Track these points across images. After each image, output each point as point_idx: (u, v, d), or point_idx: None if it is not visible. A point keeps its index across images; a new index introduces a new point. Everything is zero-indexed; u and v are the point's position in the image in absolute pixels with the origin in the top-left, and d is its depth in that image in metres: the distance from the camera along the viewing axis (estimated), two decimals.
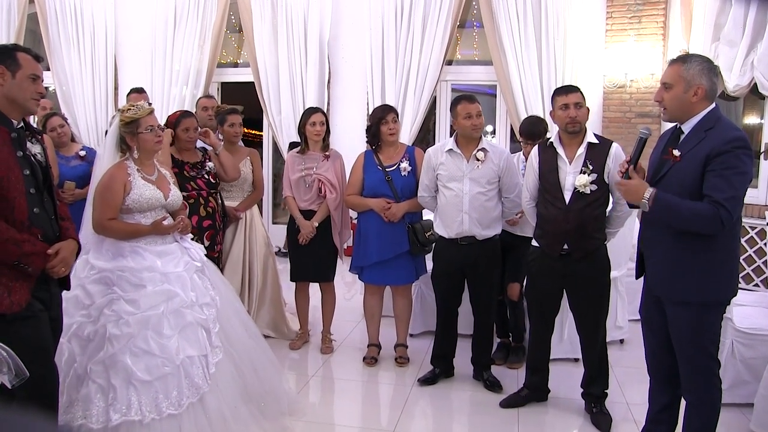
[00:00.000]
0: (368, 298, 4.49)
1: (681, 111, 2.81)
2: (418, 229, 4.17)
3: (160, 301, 3.05)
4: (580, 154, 3.48)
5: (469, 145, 3.92)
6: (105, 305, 3.02)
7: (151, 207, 3.22)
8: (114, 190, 3.13)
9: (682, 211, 2.67)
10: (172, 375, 2.97)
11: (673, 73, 2.81)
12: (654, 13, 6.76)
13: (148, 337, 2.97)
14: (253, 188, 4.76)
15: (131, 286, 3.05)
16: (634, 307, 4.87)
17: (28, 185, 2.57)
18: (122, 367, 2.91)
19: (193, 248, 3.36)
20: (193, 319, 3.12)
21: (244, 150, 4.78)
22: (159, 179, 3.32)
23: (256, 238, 4.78)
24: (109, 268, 3.08)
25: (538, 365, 3.80)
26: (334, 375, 4.38)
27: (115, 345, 2.94)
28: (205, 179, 4.30)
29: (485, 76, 7.66)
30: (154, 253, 3.16)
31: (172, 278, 3.13)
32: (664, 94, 2.83)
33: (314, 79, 7.56)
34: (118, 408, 2.87)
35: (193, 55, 7.94)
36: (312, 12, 7.52)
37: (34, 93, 2.61)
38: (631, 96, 6.90)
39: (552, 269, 3.57)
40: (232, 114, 4.66)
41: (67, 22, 8.32)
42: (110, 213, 3.13)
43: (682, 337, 2.81)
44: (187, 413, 2.99)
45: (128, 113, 3.21)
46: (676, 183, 2.74)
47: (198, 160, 4.34)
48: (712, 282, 2.74)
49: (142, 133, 3.20)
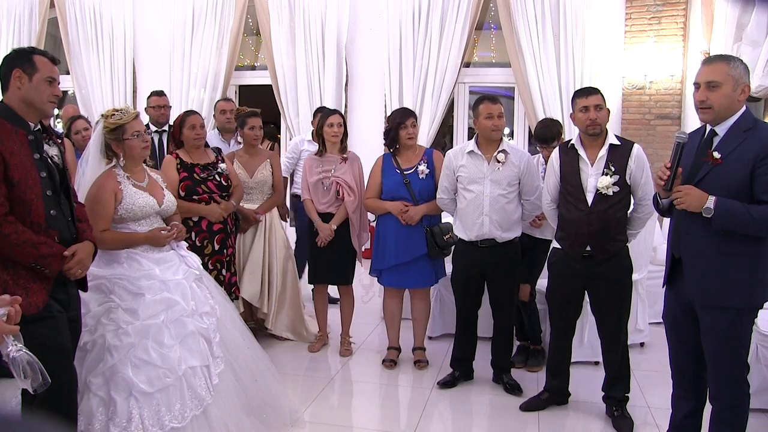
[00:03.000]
0: (388, 302, 4.48)
1: (727, 111, 2.72)
2: (437, 232, 4.16)
3: (159, 309, 2.95)
4: (602, 156, 3.45)
5: (489, 147, 3.91)
6: (102, 314, 2.93)
7: (146, 215, 3.14)
8: (104, 201, 3.03)
9: (747, 216, 2.60)
10: (174, 386, 2.87)
11: (719, 72, 2.71)
12: (674, 14, 6.70)
13: (148, 347, 2.87)
14: (272, 191, 4.76)
15: (129, 294, 2.96)
16: (654, 311, 4.87)
17: (45, 187, 2.58)
18: (122, 379, 2.81)
19: (189, 256, 3.27)
20: (194, 329, 3.02)
21: (264, 153, 4.79)
22: (150, 185, 3.22)
23: (276, 240, 4.78)
24: (105, 275, 2.99)
25: (558, 368, 3.77)
26: (354, 377, 4.38)
27: (115, 356, 2.84)
28: (216, 182, 4.22)
29: (503, 78, 7.64)
30: (151, 260, 3.07)
31: (172, 286, 3.04)
32: (710, 93, 2.72)
33: (332, 82, 7.58)
34: (117, 422, 2.77)
35: (211, 58, 7.98)
36: (329, 14, 7.53)
37: (50, 96, 2.63)
38: (651, 98, 6.84)
39: (574, 271, 3.54)
40: (253, 117, 4.65)
41: (87, 26, 8.40)
42: (102, 224, 3.02)
43: (716, 343, 2.76)
44: (191, 426, 2.88)
45: (113, 119, 3.12)
46: (717, 186, 2.67)
47: (209, 161, 4.27)
48: (756, 287, 2.71)
49: (129, 139, 3.11)
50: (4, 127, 2.52)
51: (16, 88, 2.56)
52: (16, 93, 2.57)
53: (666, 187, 2.80)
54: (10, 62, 2.59)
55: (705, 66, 2.80)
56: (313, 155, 4.58)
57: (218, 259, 4.17)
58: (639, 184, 3.45)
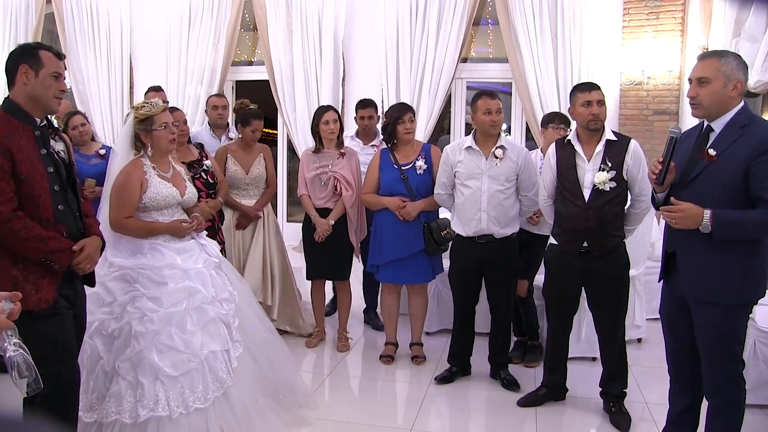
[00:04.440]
0: (385, 297, 4.48)
1: (718, 107, 2.72)
2: (434, 227, 4.16)
3: (182, 297, 3.09)
4: (599, 152, 3.45)
5: (487, 143, 3.90)
6: (128, 302, 3.06)
7: (168, 205, 3.25)
8: (131, 189, 3.15)
9: (747, 225, 2.61)
10: (197, 370, 3.02)
11: (710, 68, 2.71)
12: (672, 9, 6.69)
13: (172, 334, 3.02)
14: (266, 185, 4.76)
15: (153, 283, 3.08)
16: (652, 306, 4.86)
17: (52, 182, 2.60)
18: (149, 364, 2.95)
19: (209, 245, 3.40)
20: (214, 315, 3.16)
21: (257, 147, 4.76)
22: (174, 176, 3.34)
23: (273, 234, 4.81)
24: (129, 265, 3.11)
25: (555, 364, 3.77)
26: (351, 373, 4.38)
27: (141, 342, 2.97)
28: (203, 179, 4.22)
29: (500, 73, 7.62)
30: (173, 250, 3.19)
31: (193, 275, 3.16)
32: (700, 89, 2.72)
33: (329, 77, 7.56)
34: (145, 404, 2.91)
35: (208, 54, 7.96)
36: (326, 10, 7.51)
37: (56, 91, 2.63)
38: (648, 93, 6.83)
39: (571, 267, 3.54)
40: (257, 119, 4.62)
41: (84, 22, 8.36)
42: (127, 211, 3.15)
43: (709, 339, 2.76)
44: (213, 407, 3.03)
45: (142, 110, 3.24)
46: (713, 183, 2.67)
47: (195, 159, 4.27)
48: (749, 284, 2.70)
49: (157, 130, 3.22)
50: (11, 123, 2.53)
51: (22, 83, 2.56)
52: (23, 89, 2.57)
53: (658, 181, 2.81)
54: (16, 58, 2.59)
55: (698, 62, 2.81)
56: (310, 152, 4.57)
57: None
58: (636, 180, 3.45)
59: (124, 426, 2.91)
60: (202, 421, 2.98)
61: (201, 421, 2.98)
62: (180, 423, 2.92)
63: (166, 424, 2.91)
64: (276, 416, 3.33)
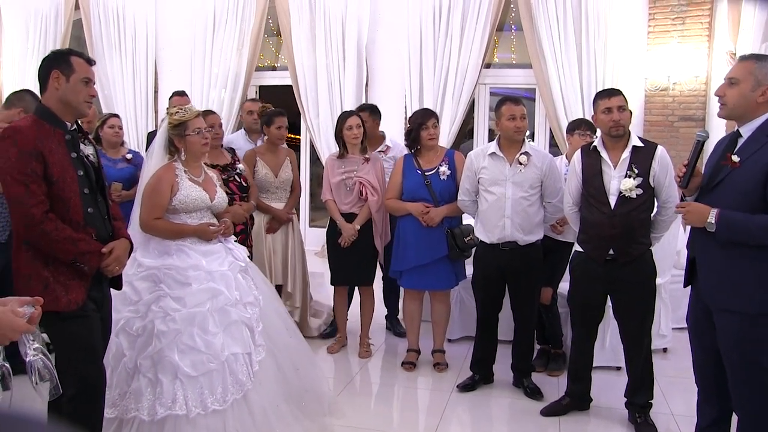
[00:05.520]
0: (408, 304, 4.46)
1: (742, 109, 2.69)
2: (458, 233, 4.14)
3: (205, 298, 3.12)
4: (625, 158, 3.41)
5: (511, 149, 3.88)
6: (152, 302, 3.10)
7: (197, 208, 3.30)
8: (161, 191, 3.22)
9: (751, 229, 2.57)
10: (217, 371, 3.04)
11: (743, 69, 2.69)
12: (698, 14, 6.61)
13: (194, 334, 3.05)
14: (292, 189, 4.80)
15: (177, 283, 3.12)
16: (677, 315, 4.79)
17: (82, 185, 2.66)
18: (169, 363, 2.99)
19: (236, 249, 3.44)
20: (237, 318, 3.19)
21: (283, 151, 4.80)
22: (205, 181, 3.40)
23: (297, 238, 4.88)
24: (156, 266, 3.16)
25: (580, 373, 3.73)
26: (372, 380, 4.37)
27: (163, 341, 3.01)
28: (237, 182, 4.28)
29: (524, 79, 7.58)
30: (199, 252, 3.23)
31: (217, 277, 3.20)
32: (728, 89, 2.71)
33: (352, 83, 7.57)
34: (163, 402, 2.95)
35: (232, 59, 8.01)
36: (350, 15, 7.53)
37: (87, 96, 2.69)
38: (674, 99, 6.75)
39: (596, 275, 3.49)
40: (280, 116, 4.65)
41: (110, 28, 8.48)
42: (156, 213, 3.22)
43: (729, 347, 2.71)
44: (232, 409, 3.04)
45: (176, 116, 3.31)
46: (734, 190, 2.63)
47: (228, 162, 4.33)
48: (766, 292, 2.62)
49: (190, 135, 3.29)
50: (43, 128, 2.59)
51: (54, 88, 2.62)
52: (54, 93, 2.63)
53: (682, 184, 2.80)
54: (49, 63, 2.66)
55: (736, 62, 2.80)
56: (335, 157, 4.57)
57: None
58: (663, 187, 3.40)
59: (143, 423, 2.95)
60: (220, 422, 3.00)
61: (218, 423, 2.99)
62: (197, 423, 2.95)
63: (183, 423, 2.94)
64: (297, 423, 3.32)
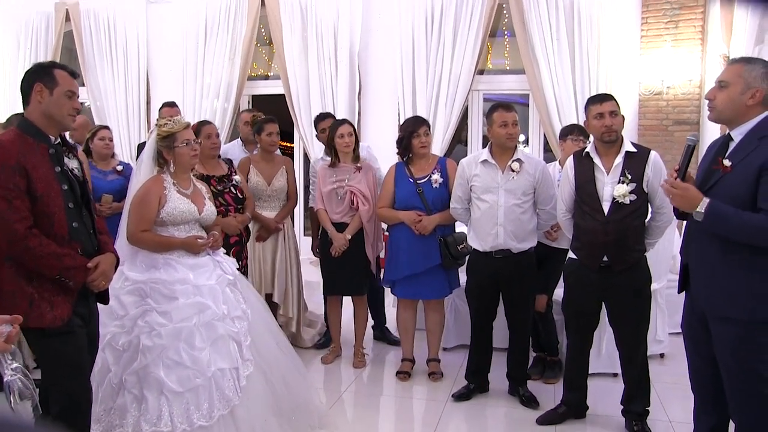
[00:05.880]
0: (401, 313, 4.42)
1: (732, 112, 2.66)
2: (450, 242, 4.11)
3: (192, 313, 3.08)
4: (618, 164, 3.38)
5: (503, 156, 3.85)
6: (138, 316, 3.07)
7: (185, 220, 3.26)
8: (149, 203, 3.20)
9: (738, 224, 2.52)
10: (203, 387, 2.99)
11: (732, 72, 2.66)
12: (691, 17, 6.58)
13: (180, 349, 3.01)
14: (287, 198, 4.75)
15: (164, 298, 3.09)
16: (674, 321, 4.76)
17: (66, 200, 2.62)
18: (154, 378, 2.95)
19: (225, 262, 3.40)
20: (224, 332, 3.14)
21: (279, 159, 4.77)
22: (194, 193, 3.37)
23: (293, 246, 4.84)
24: (143, 279, 3.13)
25: (575, 381, 3.69)
26: (367, 390, 4.32)
27: (148, 356, 2.98)
28: (232, 194, 4.23)
29: (517, 85, 7.55)
30: (186, 266, 3.20)
31: (204, 291, 3.16)
32: (717, 93, 2.68)
33: (344, 91, 7.53)
34: (149, 419, 2.90)
35: (224, 69, 7.95)
36: (342, 23, 7.50)
37: (70, 109, 2.66)
38: (668, 103, 6.72)
39: (590, 282, 3.46)
40: (270, 123, 4.63)
41: (101, 38, 8.41)
42: (144, 225, 3.20)
43: (727, 356, 2.66)
44: (218, 425, 3.00)
45: (165, 127, 3.29)
46: (726, 195, 2.58)
47: (224, 173, 4.28)
48: (763, 300, 2.57)
49: (179, 147, 3.27)
50: (26, 142, 2.55)
51: (37, 102, 2.59)
52: (37, 107, 2.60)
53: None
54: (31, 77, 2.62)
55: (726, 65, 2.78)
56: (326, 166, 4.54)
57: None
58: (656, 192, 3.37)
59: None
60: None
61: None
62: None
63: None
64: None
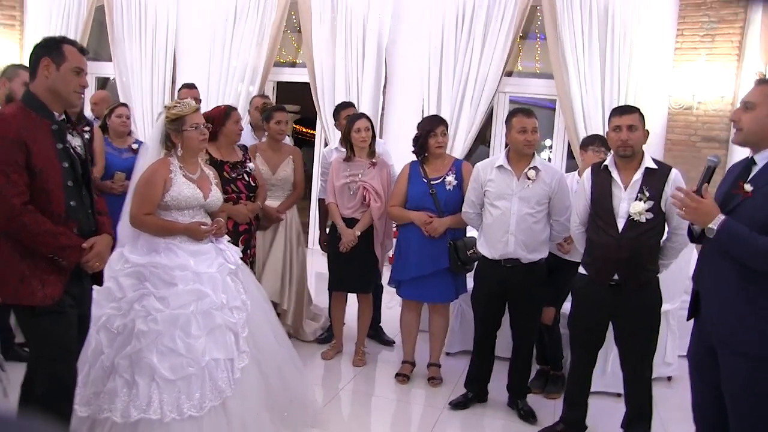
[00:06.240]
0: (405, 314, 4.34)
1: (758, 136, 2.54)
2: (460, 246, 4.02)
3: (190, 300, 3.03)
4: (637, 180, 3.26)
5: (520, 163, 3.75)
6: (135, 300, 3.02)
7: (190, 206, 3.21)
8: (154, 185, 3.15)
9: (753, 245, 2.40)
10: (196, 376, 2.94)
11: (759, 93, 2.55)
12: (729, 32, 6.40)
13: (175, 336, 2.96)
14: (293, 188, 4.69)
15: (163, 282, 3.04)
16: (684, 343, 4.54)
17: (66, 178, 2.58)
18: (147, 364, 2.90)
19: (228, 250, 3.34)
20: (222, 322, 3.08)
21: (287, 149, 4.70)
22: (201, 178, 3.31)
23: (295, 237, 4.76)
24: (143, 263, 3.08)
25: (576, 399, 3.58)
26: (364, 390, 4.25)
27: (142, 341, 2.92)
28: (245, 182, 4.15)
29: (545, 89, 7.44)
30: (188, 252, 3.15)
31: (204, 278, 3.11)
32: (743, 114, 2.56)
33: (370, 83, 7.47)
34: (138, 405, 2.86)
35: (251, 53, 7.95)
36: (372, 15, 7.43)
37: (77, 86, 2.62)
38: (698, 119, 6.56)
39: (599, 299, 3.35)
40: (279, 111, 4.57)
41: (132, 15, 8.45)
42: (147, 208, 3.15)
43: (736, 391, 2.54)
44: (209, 416, 2.94)
45: (174, 110, 3.23)
46: (745, 220, 2.46)
47: (239, 160, 4.20)
48: None
49: (187, 130, 3.21)
50: (29, 116, 2.52)
51: (43, 76, 2.55)
52: (43, 82, 2.56)
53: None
54: (39, 51, 2.58)
55: (754, 86, 2.65)
56: (341, 159, 4.47)
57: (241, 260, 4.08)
58: (674, 212, 3.25)
59: (115, 425, 2.86)
60: (195, 429, 2.90)
61: (194, 429, 2.89)
62: (172, 428, 2.85)
63: (157, 427, 2.84)
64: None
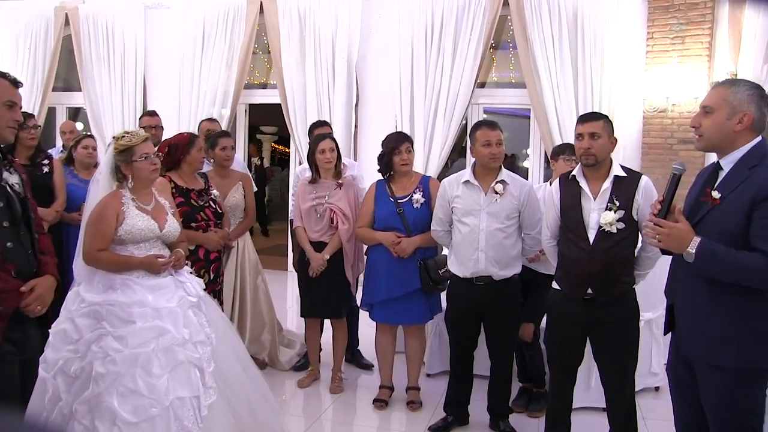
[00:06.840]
0: (380, 338, 4.20)
1: (720, 140, 2.46)
2: (431, 265, 3.90)
3: (150, 337, 2.88)
4: (606, 189, 3.15)
5: (487, 177, 3.64)
6: (93, 341, 2.87)
7: (145, 238, 3.08)
8: (106, 220, 3.01)
9: (732, 265, 2.30)
10: (160, 417, 2.79)
11: (716, 97, 2.46)
12: (698, 34, 6.35)
13: (136, 376, 2.80)
14: (245, 215, 4.56)
15: (120, 321, 2.89)
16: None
17: (1, 218, 2.44)
18: (107, 408, 2.74)
19: (189, 282, 3.19)
20: (185, 358, 2.93)
21: (235, 174, 4.58)
22: (156, 209, 3.18)
23: (248, 265, 4.62)
24: (99, 301, 2.94)
25: (558, 418, 3.44)
26: (342, 418, 4.11)
27: (101, 384, 2.78)
28: (212, 208, 4.06)
29: (518, 99, 7.36)
30: (145, 287, 3.00)
31: (164, 314, 2.96)
32: (703, 119, 2.48)
33: (341, 101, 7.36)
34: None
35: (221, 76, 7.85)
36: (340, 32, 7.34)
37: (10, 120, 2.49)
38: (673, 121, 6.48)
39: (574, 315, 3.23)
40: (224, 137, 4.51)
41: (100, 44, 8.34)
42: (101, 243, 3.01)
43: (715, 405, 2.44)
44: None
45: (122, 141, 3.10)
46: (715, 230, 2.37)
47: (202, 188, 4.09)
48: (755, 346, 2.36)
49: (137, 161, 3.08)
50: None
51: None
52: None
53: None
54: None
55: (710, 90, 2.56)
56: (306, 182, 4.35)
57: (212, 289, 3.95)
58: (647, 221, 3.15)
59: None
60: None
61: None
62: None
63: None
64: None
